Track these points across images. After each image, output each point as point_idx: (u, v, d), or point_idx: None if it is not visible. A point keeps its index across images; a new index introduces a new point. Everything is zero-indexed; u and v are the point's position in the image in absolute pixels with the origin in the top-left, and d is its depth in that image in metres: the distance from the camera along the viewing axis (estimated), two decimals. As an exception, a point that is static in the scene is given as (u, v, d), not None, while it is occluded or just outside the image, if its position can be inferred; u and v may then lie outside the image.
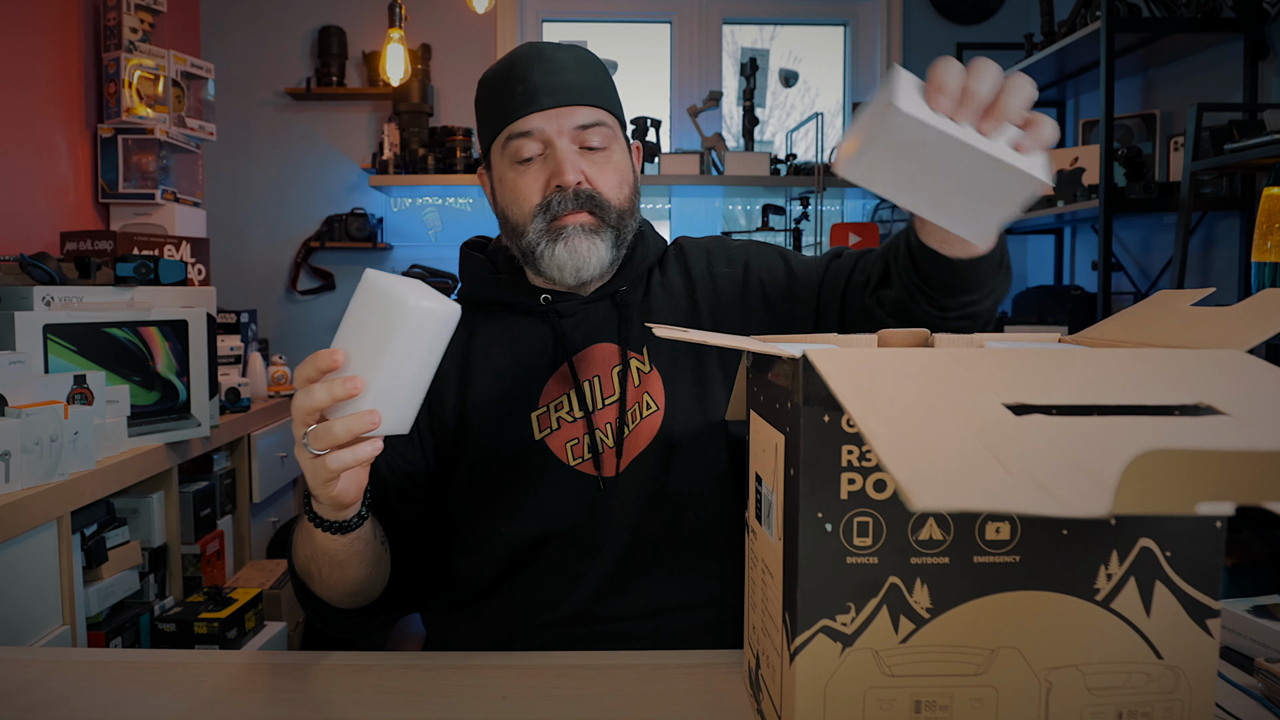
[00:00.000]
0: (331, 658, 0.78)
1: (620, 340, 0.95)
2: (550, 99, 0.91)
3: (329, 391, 0.66)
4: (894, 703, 0.51)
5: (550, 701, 0.69)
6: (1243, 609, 0.78)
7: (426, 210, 3.22)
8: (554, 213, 0.91)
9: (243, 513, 2.26)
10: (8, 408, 1.33)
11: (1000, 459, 0.37)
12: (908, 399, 0.44)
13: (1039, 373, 0.49)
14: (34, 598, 1.35)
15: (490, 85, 0.95)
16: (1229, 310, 0.59)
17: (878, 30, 3.27)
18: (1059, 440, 0.39)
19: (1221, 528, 0.51)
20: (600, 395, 0.93)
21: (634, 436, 0.92)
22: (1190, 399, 0.45)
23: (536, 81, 0.91)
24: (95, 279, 1.74)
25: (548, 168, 0.92)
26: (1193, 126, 1.97)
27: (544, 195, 0.92)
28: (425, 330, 0.68)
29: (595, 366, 0.95)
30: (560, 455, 0.92)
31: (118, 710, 0.68)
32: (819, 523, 0.51)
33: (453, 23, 3.18)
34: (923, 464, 0.37)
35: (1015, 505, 0.34)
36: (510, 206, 0.94)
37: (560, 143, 0.91)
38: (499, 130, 0.93)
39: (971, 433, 0.40)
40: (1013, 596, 0.51)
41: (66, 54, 2.39)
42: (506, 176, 0.94)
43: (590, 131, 0.93)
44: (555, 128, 0.91)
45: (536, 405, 0.93)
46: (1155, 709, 0.51)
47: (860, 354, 0.50)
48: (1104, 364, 0.51)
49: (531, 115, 0.91)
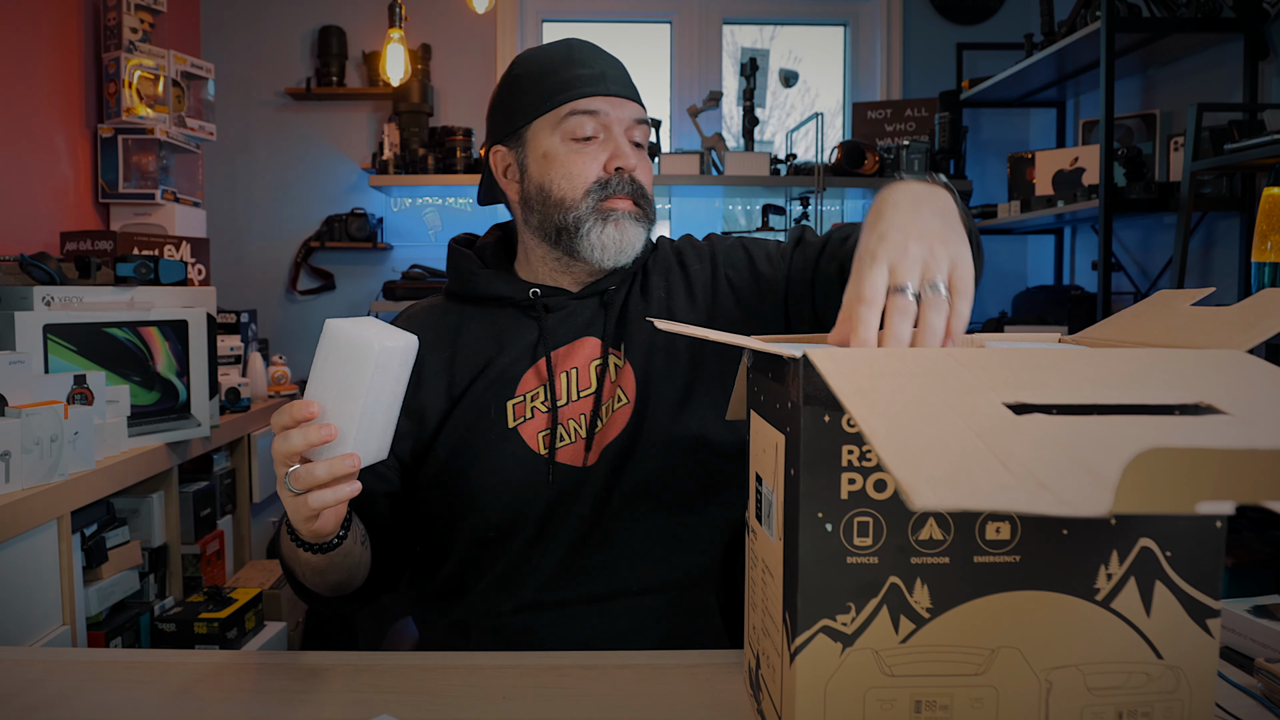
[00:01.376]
0: (331, 657, 0.78)
1: (604, 336, 0.97)
2: (618, 88, 0.96)
3: (305, 438, 0.70)
4: (894, 703, 0.51)
5: (550, 701, 0.69)
6: (1243, 609, 0.78)
7: (426, 210, 3.22)
8: (610, 192, 0.95)
9: (243, 513, 2.26)
10: (8, 408, 1.33)
11: (1001, 458, 0.37)
12: (908, 398, 0.44)
13: (1039, 372, 0.49)
14: (34, 598, 1.35)
15: (543, 64, 0.97)
16: (1229, 310, 0.59)
17: (878, 30, 3.27)
18: (1060, 439, 0.39)
19: (1222, 528, 0.51)
20: (576, 388, 0.95)
21: (605, 430, 0.94)
22: (1190, 398, 0.45)
23: (602, 68, 0.96)
24: (95, 279, 1.74)
25: (605, 149, 0.95)
26: (1193, 126, 1.97)
27: (600, 175, 0.95)
28: (391, 368, 0.73)
29: (575, 360, 0.96)
30: (531, 443, 0.94)
31: (118, 710, 0.68)
32: (819, 523, 0.50)
33: (453, 23, 3.18)
34: (923, 463, 0.37)
35: (1016, 504, 0.34)
36: (559, 181, 0.95)
37: (619, 131, 0.96)
38: (554, 106, 0.95)
39: (972, 432, 0.40)
40: (1013, 596, 0.51)
41: (66, 54, 2.39)
42: (558, 152, 0.95)
43: (640, 129, 0.98)
44: (618, 115, 0.96)
45: (513, 395, 0.95)
46: (1155, 709, 0.51)
47: (861, 353, 0.50)
48: (1104, 363, 0.51)
49: (598, 98, 0.95)
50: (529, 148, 0.98)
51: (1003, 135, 3.31)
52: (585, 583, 0.92)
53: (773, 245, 1.04)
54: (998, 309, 3.21)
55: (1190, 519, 0.51)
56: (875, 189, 3.05)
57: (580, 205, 0.94)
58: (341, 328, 0.72)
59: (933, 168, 2.95)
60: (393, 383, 0.74)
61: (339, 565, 0.84)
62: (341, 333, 0.72)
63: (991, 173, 3.26)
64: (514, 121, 0.99)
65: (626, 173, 0.95)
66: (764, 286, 1.00)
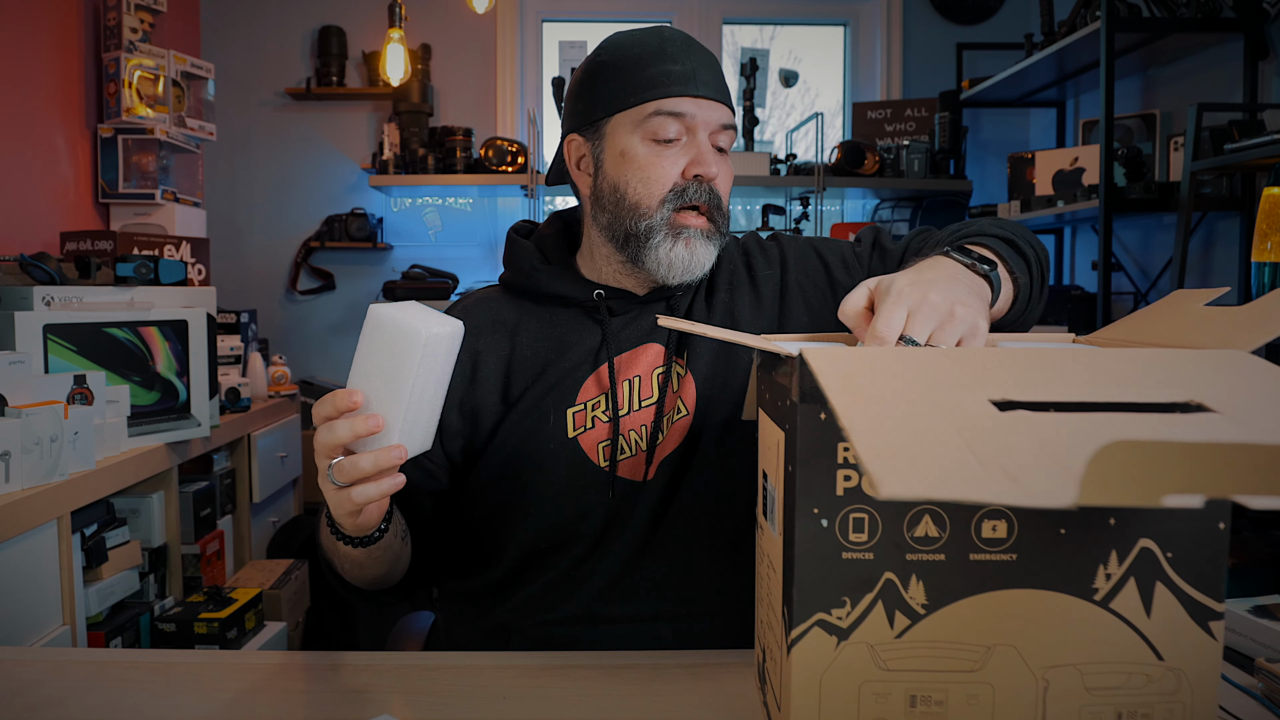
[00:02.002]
0: (331, 658, 0.78)
1: (668, 343, 0.94)
2: (706, 89, 0.90)
3: (351, 429, 0.67)
4: (889, 696, 0.51)
5: (550, 701, 0.69)
6: (1243, 609, 0.78)
7: (426, 210, 3.23)
8: (686, 201, 0.90)
9: (243, 513, 2.26)
10: (8, 408, 1.33)
11: (975, 452, 0.38)
12: (894, 395, 0.44)
13: (1033, 371, 0.49)
14: (34, 598, 1.35)
15: (631, 54, 0.91)
16: (1238, 310, 0.59)
17: (878, 30, 3.27)
18: (1039, 435, 0.39)
19: (1224, 529, 0.51)
20: (638, 397, 0.92)
21: (665, 442, 0.91)
22: (1182, 397, 0.46)
23: (694, 67, 0.90)
24: (95, 279, 1.74)
25: (686, 153, 0.90)
26: (1193, 126, 1.97)
27: (678, 181, 0.90)
28: (438, 355, 0.69)
29: (637, 367, 0.93)
30: (591, 455, 0.91)
31: (118, 710, 0.68)
32: (815, 518, 0.51)
33: (453, 23, 3.18)
34: (895, 454, 0.38)
35: (982, 495, 0.34)
36: (635, 184, 0.91)
37: (703, 135, 0.90)
38: (638, 102, 0.90)
39: (951, 427, 0.41)
40: (1009, 595, 0.51)
41: (66, 54, 2.39)
42: (637, 152, 0.90)
43: (725, 134, 0.92)
44: (704, 119, 0.90)
45: (573, 402, 0.92)
46: (1156, 710, 0.51)
47: (856, 352, 0.51)
48: (1101, 363, 0.51)
49: (685, 99, 0.89)
50: (607, 142, 0.93)
51: (1003, 135, 3.31)
52: (636, 601, 0.89)
53: (847, 250, 1.01)
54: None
55: (1191, 520, 0.51)
56: (875, 189, 3.06)
57: (655, 214, 0.90)
58: (387, 313, 0.68)
59: (933, 167, 2.95)
60: (439, 371, 0.71)
61: (379, 559, 0.83)
62: (387, 318, 0.68)
63: (991, 173, 3.26)
64: (593, 112, 0.93)
65: (706, 181, 0.90)
66: (840, 295, 0.95)
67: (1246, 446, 0.32)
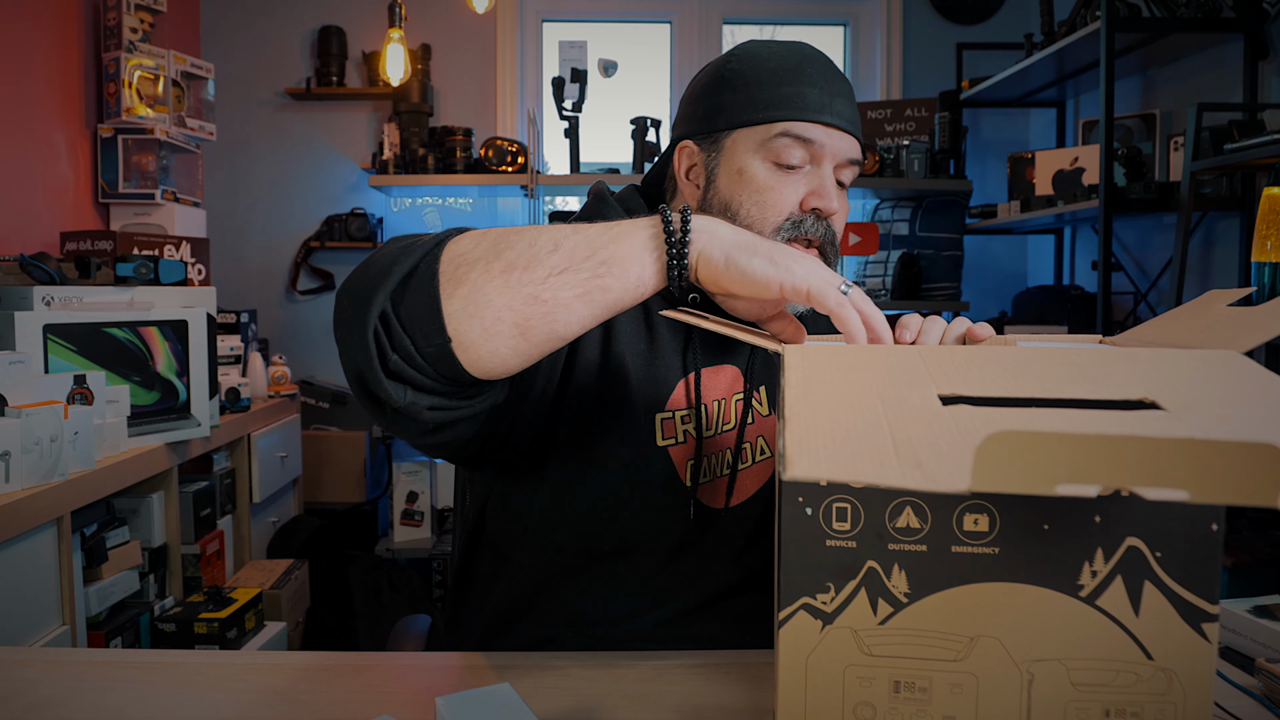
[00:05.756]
0: (331, 658, 0.78)
1: (746, 367, 0.91)
2: (840, 120, 0.85)
3: None
4: (873, 681, 0.53)
5: (550, 701, 0.69)
6: (1243, 609, 0.78)
7: (426, 210, 3.23)
8: (802, 233, 0.85)
9: (243, 513, 2.26)
10: (8, 408, 1.33)
11: (896, 441, 0.41)
12: (847, 389, 0.47)
13: (995, 369, 0.52)
14: (34, 598, 1.35)
15: (767, 68, 0.86)
16: (1251, 311, 0.60)
17: (878, 30, 3.27)
18: (965, 428, 0.42)
19: (1218, 531, 0.51)
20: (720, 421, 0.88)
21: (745, 475, 0.88)
22: (1137, 395, 0.48)
23: (831, 94, 0.85)
24: (95, 279, 1.74)
25: (807, 183, 0.85)
26: (1193, 126, 1.97)
27: (795, 212, 0.85)
28: None
29: (719, 389, 0.90)
30: (680, 471, 0.86)
31: (117, 710, 0.68)
32: (800, 505, 0.53)
33: (453, 23, 3.18)
34: (819, 441, 0.41)
35: (886, 480, 0.38)
36: (750, 207, 0.85)
37: (828, 166, 0.85)
38: (767, 120, 0.84)
39: (884, 419, 0.44)
40: (992, 587, 0.52)
41: (66, 54, 2.39)
42: (757, 173, 0.85)
43: (850, 169, 0.87)
44: (833, 149, 0.85)
45: (663, 409, 0.87)
46: (1146, 710, 0.51)
47: (831, 349, 0.55)
48: (1074, 362, 0.53)
49: (817, 125, 0.84)
50: (724, 157, 0.87)
51: (1003, 135, 3.31)
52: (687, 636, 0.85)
53: None
54: (998, 309, 3.21)
55: (1182, 521, 0.51)
56: (875, 189, 3.06)
57: None
58: None
59: (933, 167, 2.95)
60: None
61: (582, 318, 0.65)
62: None
63: (991, 173, 3.26)
64: (714, 121, 0.87)
65: (825, 216, 0.85)
66: None
67: (1138, 439, 0.34)
